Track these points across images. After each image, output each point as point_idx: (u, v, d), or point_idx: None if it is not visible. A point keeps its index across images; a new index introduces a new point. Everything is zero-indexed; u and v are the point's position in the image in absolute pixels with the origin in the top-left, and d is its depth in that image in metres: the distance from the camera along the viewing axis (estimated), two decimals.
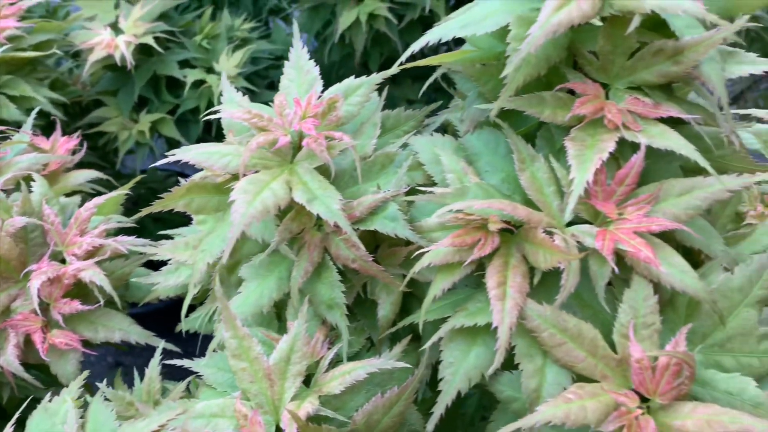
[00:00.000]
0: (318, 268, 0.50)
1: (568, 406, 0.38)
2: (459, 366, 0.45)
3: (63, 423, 0.49)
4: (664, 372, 0.38)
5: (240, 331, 0.45)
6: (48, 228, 0.61)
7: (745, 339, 0.42)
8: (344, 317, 0.48)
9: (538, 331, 0.41)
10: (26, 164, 0.68)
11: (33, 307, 0.57)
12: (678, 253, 0.42)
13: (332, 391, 0.44)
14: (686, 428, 0.37)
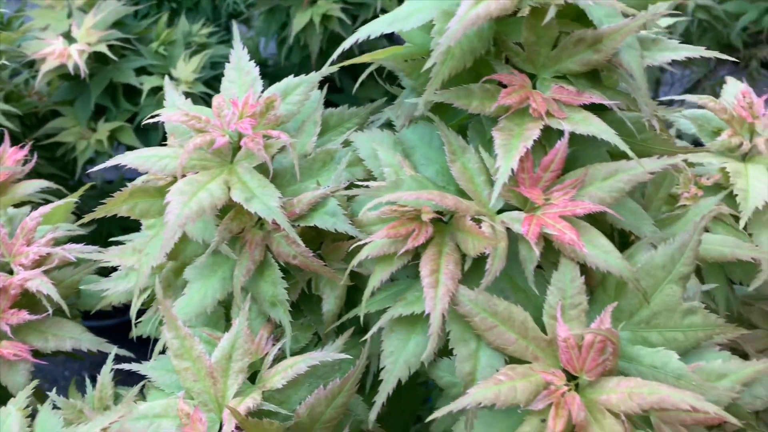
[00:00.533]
0: (260, 266, 0.51)
1: (498, 387, 0.39)
2: (399, 355, 0.46)
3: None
4: (590, 350, 0.40)
5: (182, 331, 0.46)
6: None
7: (669, 314, 0.43)
8: (287, 313, 0.49)
9: (470, 315, 0.42)
10: None
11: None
12: (603, 235, 0.44)
13: (275, 386, 0.45)
14: (610, 402, 0.38)
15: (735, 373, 0.42)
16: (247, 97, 0.53)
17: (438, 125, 0.48)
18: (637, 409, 0.37)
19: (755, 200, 0.56)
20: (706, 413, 0.39)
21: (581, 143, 0.48)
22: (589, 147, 0.48)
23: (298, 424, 0.44)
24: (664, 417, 0.41)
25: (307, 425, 0.45)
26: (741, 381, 0.42)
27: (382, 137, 0.53)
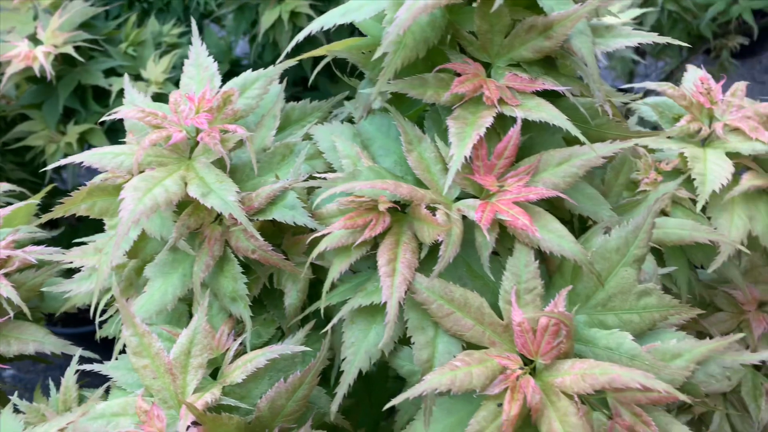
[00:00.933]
0: (220, 261, 0.50)
1: (453, 373, 0.39)
2: (360, 346, 0.46)
3: None
4: (544, 333, 0.40)
5: (139, 329, 0.45)
6: None
7: (624, 297, 0.44)
8: (247, 308, 0.49)
9: (427, 303, 0.43)
10: None
11: None
12: (557, 220, 0.44)
13: (235, 381, 0.44)
14: (565, 384, 0.39)
15: (689, 352, 0.43)
16: (204, 92, 0.52)
17: (394, 115, 0.48)
18: (590, 389, 0.37)
19: (712, 184, 0.57)
20: (657, 392, 0.40)
21: (537, 130, 0.48)
22: (545, 134, 0.49)
23: (259, 419, 0.44)
24: (620, 398, 0.41)
25: (268, 419, 0.44)
26: (695, 360, 0.43)
27: (342, 129, 0.53)
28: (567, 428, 0.37)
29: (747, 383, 0.70)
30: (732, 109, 0.64)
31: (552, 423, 0.38)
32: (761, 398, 0.68)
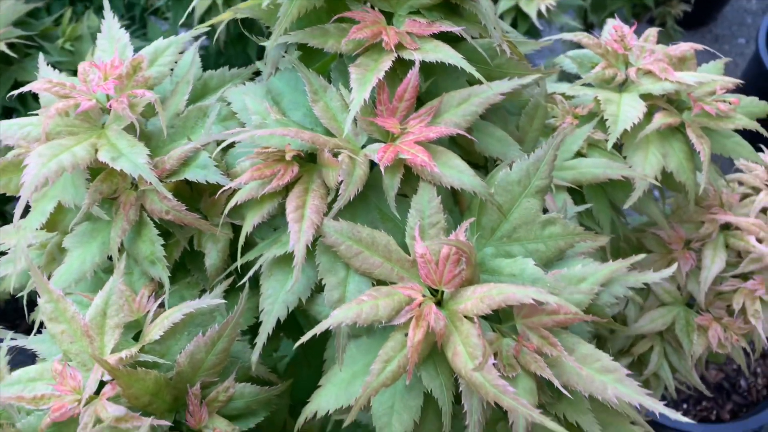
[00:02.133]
0: (137, 226, 0.50)
1: (359, 306, 0.40)
2: (277, 296, 0.46)
3: None
4: (446, 262, 0.41)
5: (54, 294, 0.45)
6: None
7: (529, 227, 0.45)
8: (165, 270, 0.49)
9: (336, 245, 0.43)
10: None
11: None
12: (459, 158, 0.45)
13: (153, 338, 0.45)
14: (467, 309, 0.40)
15: (593, 275, 0.44)
16: (112, 60, 0.52)
17: (298, 67, 0.49)
18: (488, 309, 0.38)
19: (624, 123, 0.59)
20: (561, 314, 0.41)
21: (441, 75, 0.49)
22: (449, 79, 0.50)
23: (180, 374, 0.44)
24: (528, 323, 0.42)
25: (189, 374, 0.45)
26: (599, 282, 0.44)
27: (254, 89, 0.53)
28: (469, 348, 0.38)
29: (680, 321, 0.72)
30: (645, 54, 0.66)
31: (456, 346, 0.39)
32: (693, 333, 0.71)
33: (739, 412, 1.73)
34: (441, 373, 0.40)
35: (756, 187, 0.71)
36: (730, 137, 0.64)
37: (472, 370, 0.36)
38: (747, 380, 1.78)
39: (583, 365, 0.41)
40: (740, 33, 3.06)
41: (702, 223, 0.70)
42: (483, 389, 0.37)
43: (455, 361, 0.38)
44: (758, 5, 3.12)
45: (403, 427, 0.41)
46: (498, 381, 0.36)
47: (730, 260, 0.70)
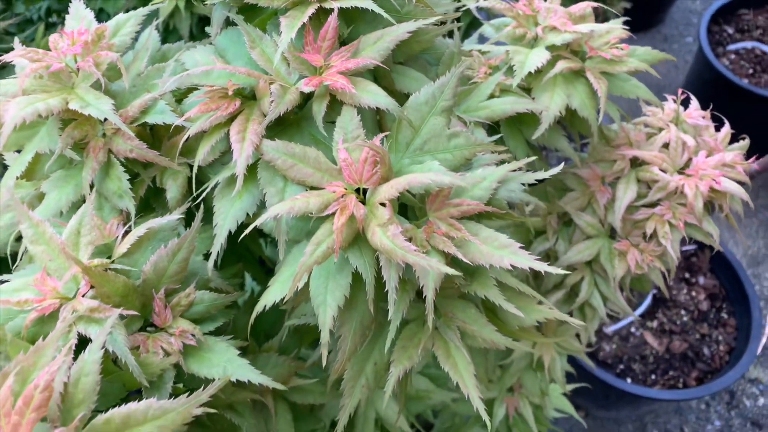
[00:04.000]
0: (105, 167, 0.58)
1: (293, 203, 0.48)
2: (228, 212, 0.54)
3: None
4: (365, 164, 0.49)
5: (34, 220, 0.52)
6: None
7: (437, 140, 0.54)
8: (132, 201, 0.56)
9: (273, 160, 0.51)
10: None
11: None
12: (375, 84, 0.53)
13: (122, 251, 0.52)
14: (381, 197, 0.48)
15: (491, 175, 0.53)
16: (79, 28, 0.60)
17: (238, 21, 0.57)
18: (396, 192, 0.46)
19: (530, 66, 0.68)
20: (465, 205, 0.49)
21: (359, 22, 0.58)
22: (367, 25, 0.59)
23: (146, 281, 0.52)
24: (438, 215, 0.51)
25: (154, 280, 0.52)
26: (496, 179, 0.52)
27: (203, 49, 0.62)
28: (383, 226, 0.46)
29: (604, 250, 0.80)
30: (551, 15, 0.76)
31: (374, 228, 0.47)
32: (614, 259, 0.79)
33: (704, 379, 1.82)
34: (364, 254, 0.48)
35: (660, 127, 0.80)
36: (627, 80, 0.74)
37: (382, 234, 0.44)
38: (710, 348, 1.87)
39: (484, 244, 0.49)
40: (687, 32, 3.23)
41: (614, 161, 0.79)
42: (394, 253, 0.44)
43: (374, 239, 0.46)
44: (702, 5, 3.30)
45: (336, 302, 0.48)
46: (404, 243, 0.44)
47: (641, 192, 0.79)
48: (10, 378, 0.42)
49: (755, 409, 2.14)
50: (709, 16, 2.58)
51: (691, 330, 1.92)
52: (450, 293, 0.55)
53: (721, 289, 1.98)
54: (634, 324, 1.94)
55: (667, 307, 1.97)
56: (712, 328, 1.92)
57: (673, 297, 1.98)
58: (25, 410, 0.41)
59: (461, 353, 0.54)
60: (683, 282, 2.01)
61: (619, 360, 1.88)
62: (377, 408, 0.80)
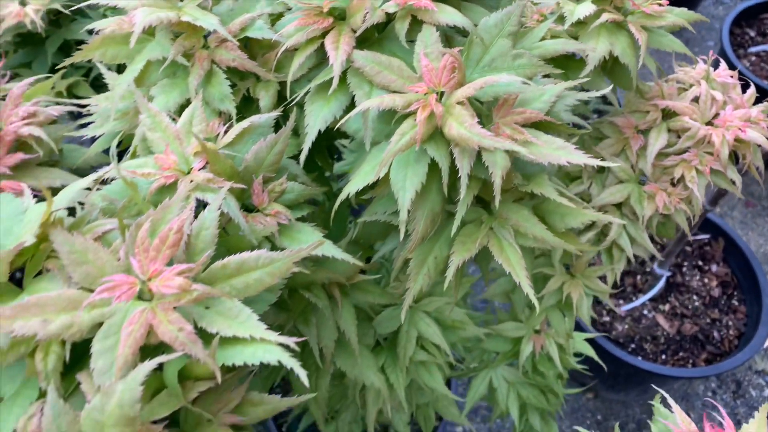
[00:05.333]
0: (208, 75, 0.66)
1: (381, 99, 0.56)
2: (318, 115, 0.62)
3: None
4: (443, 70, 0.57)
5: (152, 110, 0.61)
6: None
7: (504, 59, 0.61)
8: (233, 103, 0.65)
9: (363, 67, 0.59)
10: None
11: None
12: (453, 8, 0.61)
13: (227, 141, 0.60)
14: (458, 97, 0.55)
15: (551, 90, 0.60)
16: None
17: None
18: (473, 91, 0.54)
19: (579, 14, 0.76)
20: (529, 113, 0.57)
21: None
22: None
23: (247, 167, 0.60)
24: (503, 121, 0.58)
25: (254, 167, 0.60)
26: (555, 94, 0.60)
27: None
28: (460, 121, 0.54)
29: (634, 194, 0.88)
30: None
31: (451, 123, 0.55)
32: (644, 201, 0.87)
33: (713, 361, 1.88)
34: (440, 147, 0.56)
35: (690, 83, 0.88)
36: (665, 36, 0.82)
37: (459, 126, 0.52)
38: (720, 332, 1.93)
39: (544, 145, 0.57)
40: (709, 36, 3.29)
41: (647, 112, 0.87)
42: (470, 140, 0.52)
43: (451, 132, 0.54)
44: (725, 11, 3.36)
45: (414, 188, 0.56)
46: (480, 130, 0.52)
47: (671, 141, 0.86)
48: (147, 223, 0.50)
49: (761, 399, 2.20)
50: (732, 18, 2.65)
51: (702, 314, 1.98)
52: (506, 197, 0.63)
53: (732, 277, 2.04)
54: (647, 306, 2.01)
55: (679, 292, 2.03)
56: (722, 313, 1.98)
57: (686, 282, 2.05)
58: (161, 247, 0.49)
59: (514, 248, 0.61)
60: (696, 269, 2.08)
61: (630, 339, 1.95)
62: (419, 329, 0.88)
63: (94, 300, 0.46)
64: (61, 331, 0.46)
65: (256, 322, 0.48)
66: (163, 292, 0.47)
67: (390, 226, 0.66)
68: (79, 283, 0.49)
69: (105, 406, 0.43)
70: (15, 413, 0.46)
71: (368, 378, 0.74)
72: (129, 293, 0.47)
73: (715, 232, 2.08)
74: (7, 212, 0.56)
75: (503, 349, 1.05)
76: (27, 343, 0.48)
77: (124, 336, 0.46)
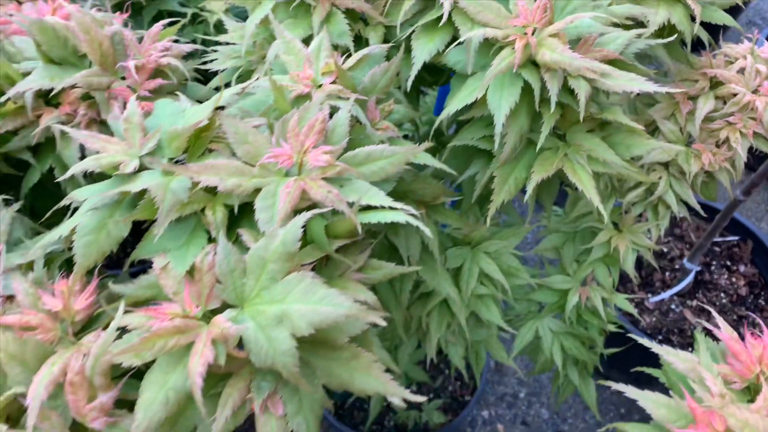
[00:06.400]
0: (328, 15, 0.78)
1: (485, 30, 0.67)
2: (423, 48, 0.73)
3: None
4: (536, 10, 0.68)
5: (287, 37, 0.73)
6: (128, 40, 0.87)
7: (583, 9, 0.72)
8: (350, 38, 0.76)
9: (466, 7, 0.71)
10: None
11: (129, 82, 0.82)
12: None
13: (349, 65, 0.72)
14: (550, 31, 0.66)
15: (623, 36, 0.71)
16: None
17: None
18: (564, 24, 0.65)
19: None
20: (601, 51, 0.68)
21: None
22: None
23: (364, 88, 0.71)
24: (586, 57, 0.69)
25: (369, 89, 0.71)
26: (627, 39, 0.71)
27: None
28: (552, 48, 0.65)
29: (681, 153, 0.98)
30: None
31: (544, 51, 0.66)
32: (691, 159, 0.97)
33: None
34: (532, 72, 0.67)
35: (736, 57, 0.98)
36: (716, 11, 0.92)
37: (552, 52, 0.63)
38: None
39: (618, 78, 0.67)
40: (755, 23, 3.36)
41: (696, 80, 0.97)
42: (562, 62, 0.63)
43: (544, 58, 0.65)
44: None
45: (508, 106, 0.67)
46: (572, 54, 0.63)
47: (717, 107, 0.96)
48: (295, 116, 0.62)
49: None
50: None
51: (729, 311, 2.05)
52: (579, 128, 0.74)
53: (760, 278, 2.10)
54: (674, 301, 2.08)
55: (707, 289, 2.10)
56: (749, 311, 2.04)
57: (714, 281, 2.12)
58: (309, 132, 0.61)
59: (585, 170, 0.72)
60: (724, 268, 2.15)
61: (658, 331, 2.02)
62: (481, 265, 0.98)
63: (263, 162, 0.57)
64: (233, 188, 0.57)
65: (384, 197, 0.59)
66: (313, 165, 0.58)
67: (476, 151, 0.77)
68: (241, 158, 0.60)
69: (269, 246, 0.55)
70: (191, 253, 0.57)
71: (444, 288, 0.84)
72: (288, 161, 0.58)
73: (744, 234, 2.15)
74: (168, 112, 0.68)
75: (550, 301, 1.14)
76: (199, 201, 0.59)
77: (282, 196, 0.57)
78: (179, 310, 0.54)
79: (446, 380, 1.88)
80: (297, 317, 0.51)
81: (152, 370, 0.53)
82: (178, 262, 0.56)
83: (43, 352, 0.57)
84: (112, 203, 0.61)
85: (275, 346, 0.51)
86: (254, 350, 0.52)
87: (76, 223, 0.60)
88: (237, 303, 0.55)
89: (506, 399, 2.29)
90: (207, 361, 0.50)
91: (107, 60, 0.84)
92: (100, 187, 0.63)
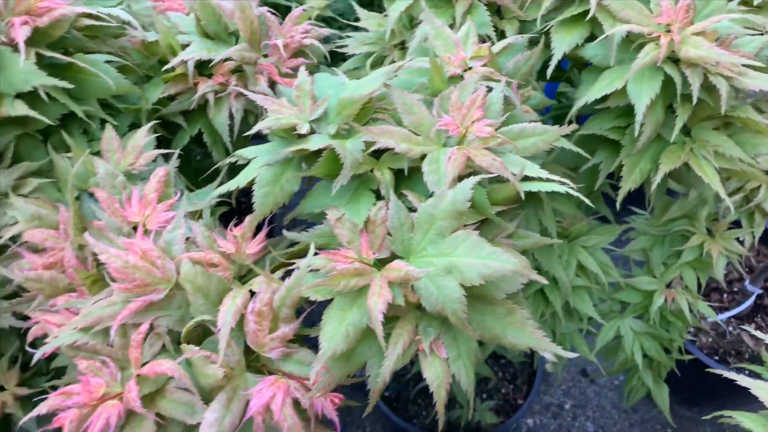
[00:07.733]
0: (471, 7, 0.84)
1: (629, 25, 0.72)
2: (563, 41, 0.78)
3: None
4: (680, 10, 0.73)
5: (436, 23, 0.78)
6: (270, 21, 0.94)
7: (719, 12, 0.77)
8: (491, 28, 0.82)
9: (610, 4, 0.75)
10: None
11: (275, 59, 0.89)
12: None
13: (495, 51, 0.77)
14: (693, 30, 0.71)
15: (759, 39, 0.75)
16: None
17: None
18: (708, 24, 0.69)
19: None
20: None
21: None
22: None
23: (507, 73, 0.77)
24: None
25: (512, 74, 0.77)
26: (763, 42, 0.75)
27: None
28: (697, 45, 0.69)
29: None
30: None
31: (687, 48, 0.70)
32: None
33: None
34: (673, 69, 0.71)
35: None
36: None
37: (697, 48, 0.68)
38: None
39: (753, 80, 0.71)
40: None
41: None
42: (708, 57, 0.68)
43: (688, 54, 0.69)
44: None
45: (648, 97, 0.71)
46: (717, 49, 0.67)
47: None
48: (456, 92, 0.67)
49: None
50: None
51: None
52: (706, 125, 0.78)
53: None
54: (732, 323, 2.07)
55: (766, 314, 2.09)
56: None
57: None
58: (471, 107, 0.66)
59: (710, 164, 0.76)
60: None
61: (714, 351, 2.02)
62: (578, 258, 1.02)
63: (437, 128, 0.63)
64: (405, 151, 0.63)
65: (540, 169, 0.63)
66: (477, 135, 0.64)
67: (602, 141, 0.82)
68: (407, 127, 0.66)
69: (438, 204, 0.60)
70: (363, 207, 0.63)
71: (558, 270, 0.88)
72: (456, 130, 0.63)
73: None
74: (329, 84, 0.74)
75: (634, 301, 1.17)
76: (369, 163, 0.65)
77: (449, 162, 0.62)
78: (356, 256, 0.59)
79: (499, 382, 1.91)
80: (467, 269, 0.56)
81: (331, 307, 0.58)
82: (354, 214, 0.62)
83: (223, 288, 0.62)
84: (284, 161, 0.67)
85: (445, 293, 0.56)
86: (425, 296, 0.57)
87: (252, 176, 0.66)
88: (404, 255, 0.60)
89: (551, 409, 2.30)
90: (387, 300, 0.55)
91: (255, 38, 0.91)
92: (267, 146, 0.69)
